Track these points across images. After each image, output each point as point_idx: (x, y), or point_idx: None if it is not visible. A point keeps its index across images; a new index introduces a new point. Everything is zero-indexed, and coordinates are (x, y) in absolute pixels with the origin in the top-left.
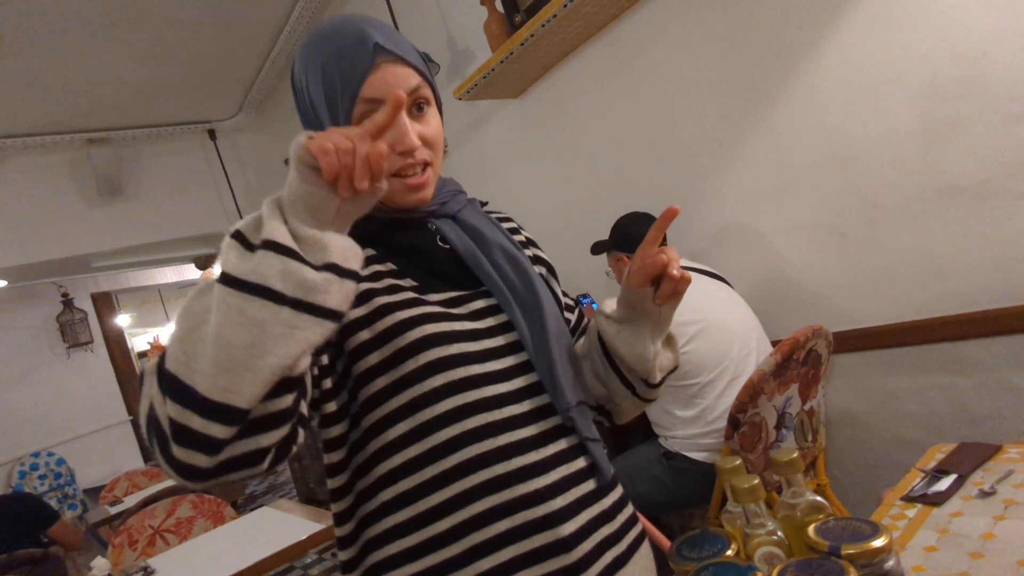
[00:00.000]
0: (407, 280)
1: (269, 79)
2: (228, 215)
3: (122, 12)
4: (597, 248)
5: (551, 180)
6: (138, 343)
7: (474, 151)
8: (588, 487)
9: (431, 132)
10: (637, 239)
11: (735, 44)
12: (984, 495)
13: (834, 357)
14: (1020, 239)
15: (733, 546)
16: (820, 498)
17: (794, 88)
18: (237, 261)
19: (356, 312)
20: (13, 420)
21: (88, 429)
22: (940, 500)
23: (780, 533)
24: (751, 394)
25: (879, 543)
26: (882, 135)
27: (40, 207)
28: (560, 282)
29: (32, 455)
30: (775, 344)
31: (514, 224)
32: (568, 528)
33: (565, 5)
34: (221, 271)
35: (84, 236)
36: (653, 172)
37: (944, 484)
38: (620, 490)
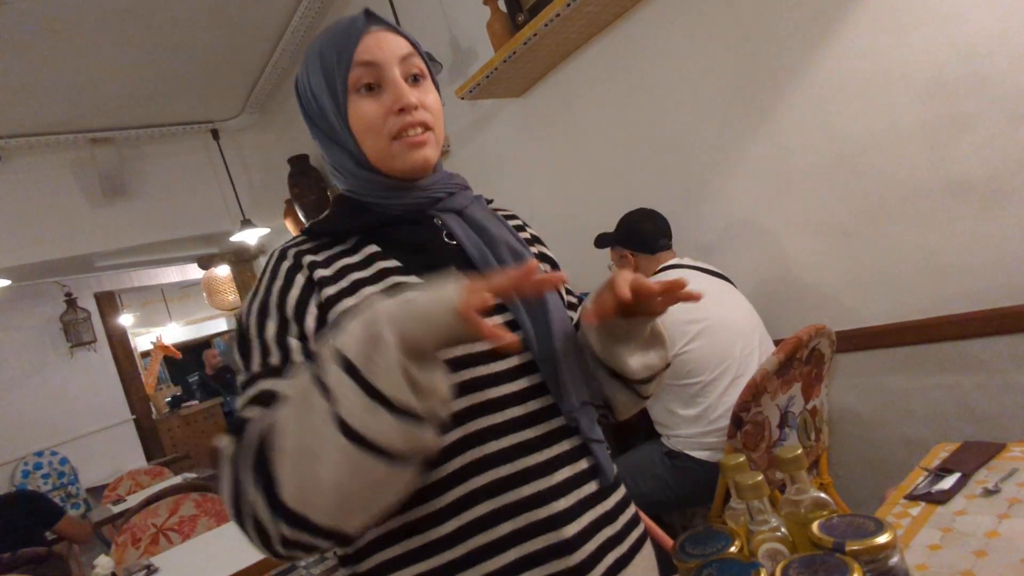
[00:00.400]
0: (411, 278)
1: (272, 79)
2: (231, 215)
3: (126, 13)
4: (601, 241)
5: (554, 179)
6: (141, 342)
7: (477, 151)
8: (591, 488)
9: (430, 101)
10: (643, 236)
11: (739, 42)
12: (988, 493)
13: (837, 356)
14: None
15: (737, 543)
16: (824, 495)
17: (799, 86)
18: (361, 415)
19: None
20: (16, 419)
21: (91, 428)
22: (944, 499)
23: (784, 530)
24: (754, 393)
25: (883, 539)
26: (887, 134)
27: (44, 207)
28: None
29: (35, 454)
30: (778, 343)
31: (519, 221)
32: (571, 530)
33: (568, 4)
34: (341, 416)
35: (88, 236)
36: (656, 171)
37: (948, 483)
38: (623, 491)
